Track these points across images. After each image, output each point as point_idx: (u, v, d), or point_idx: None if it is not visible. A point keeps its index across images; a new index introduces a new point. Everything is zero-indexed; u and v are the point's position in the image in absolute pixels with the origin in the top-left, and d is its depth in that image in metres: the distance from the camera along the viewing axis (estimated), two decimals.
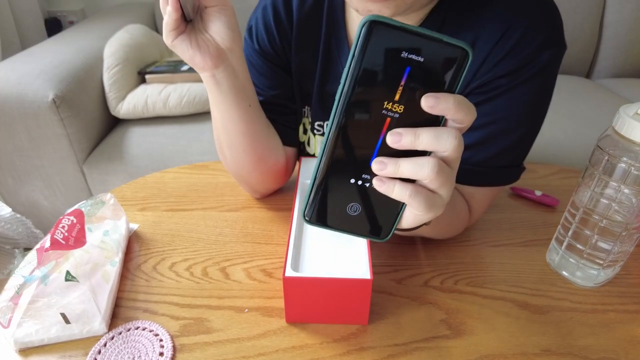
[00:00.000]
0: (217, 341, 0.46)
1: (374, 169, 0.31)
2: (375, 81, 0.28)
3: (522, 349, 0.46)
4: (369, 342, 0.46)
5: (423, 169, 0.30)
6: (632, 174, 0.45)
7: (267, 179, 0.65)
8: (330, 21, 0.58)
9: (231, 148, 0.59)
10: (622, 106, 0.46)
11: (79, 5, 1.92)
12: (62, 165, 1.24)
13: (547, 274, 0.56)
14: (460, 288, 0.53)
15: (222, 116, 0.55)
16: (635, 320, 0.49)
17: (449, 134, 0.29)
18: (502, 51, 0.49)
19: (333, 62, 0.60)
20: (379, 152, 0.31)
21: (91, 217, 0.55)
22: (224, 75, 0.50)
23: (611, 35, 1.71)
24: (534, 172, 0.75)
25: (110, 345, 0.45)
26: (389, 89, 0.28)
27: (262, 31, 0.60)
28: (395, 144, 0.30)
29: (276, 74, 0.62)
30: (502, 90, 0.50)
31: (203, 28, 0.48)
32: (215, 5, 0.47)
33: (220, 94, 0.52)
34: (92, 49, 1.35)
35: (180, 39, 0.46)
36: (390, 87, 0.28)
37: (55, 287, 0.45)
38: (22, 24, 1.71)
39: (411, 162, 0.30)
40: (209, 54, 0.47)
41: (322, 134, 0.65)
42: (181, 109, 1.32)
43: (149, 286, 0.53)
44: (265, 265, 0.56)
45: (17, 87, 1.12)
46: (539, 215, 0.66)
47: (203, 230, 0.62)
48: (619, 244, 0.49)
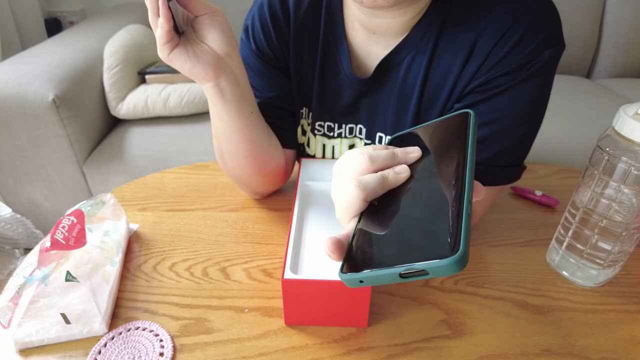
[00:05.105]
0: (217, 341, 0.46)
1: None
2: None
3: (522, 349, 0.46)
4: (369, 342, 0.46)
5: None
6: (632, 174, 0.45)
7: (267, 182, 0.65)
8: (328, 19, 0.58)
9: (233, 156, 0.59)
10: (622, 106, 0.46)
11: (79, 6, 1.92)
12: (62, 165, 1.24)
13: (547, 274, 0.56)
14: (460, 288, 0.53)
15: (225, 126, 0.55)
16: (635, 320, 0.49)
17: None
18: (503, 50, 0.49)
19: (332, 61, 0.60)
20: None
21: (91, 218, 0.55)
22: (227, 83, 0.50)
23: (611, 35, 1.71)
24: (534, 172, 0.76)
25: (111, 345, 0.45)
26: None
27: (259, 30, 0.60)
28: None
29: (273, 75, 0.62)
30: (503, 89, 0.50)
31: (197, 38, 0.47)
32: (205, 13, 0.46)
33: (224, 104, 0.52)
34: (92, 49, 1.35)
35: (177, 51, 0.46)
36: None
37: (55, 287, 0.45)
38: (22, 24, 1.71)
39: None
40: (209, 63, 0.47)
41: (323, 134, 0.65)
42: (181, 109, 1.32)
43: (149, 286, 0.53)
44: (266, 266, 0.56)
45: (17, 87, 1.12)
46: (539, 215, 0.66)
47: (203, 230, 0.62)
48: (619, 244, 0.49)
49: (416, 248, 0.29)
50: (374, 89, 0.58)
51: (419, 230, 0.30)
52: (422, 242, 0.29)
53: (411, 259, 0.27)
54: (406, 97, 0.57)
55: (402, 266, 0.27)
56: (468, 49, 0.51)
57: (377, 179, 0.35)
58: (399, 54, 0.55)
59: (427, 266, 0.26)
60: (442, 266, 0.26)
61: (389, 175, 0.36)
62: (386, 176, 0.35)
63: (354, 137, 0.65)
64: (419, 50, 0.54)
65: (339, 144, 0.66)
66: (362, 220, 0.35)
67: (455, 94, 0.54)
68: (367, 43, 0.57)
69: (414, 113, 0.57)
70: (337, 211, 0.37)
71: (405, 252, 0.29)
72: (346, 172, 0.37)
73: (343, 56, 0.58)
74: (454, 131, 0.36)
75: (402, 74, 0.56)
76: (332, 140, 0.66)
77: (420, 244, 0.29)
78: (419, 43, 0.54)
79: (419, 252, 0.28)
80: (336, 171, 0.39)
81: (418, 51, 0.54)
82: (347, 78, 0.59)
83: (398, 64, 0.56)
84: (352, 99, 0.60)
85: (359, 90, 0.59)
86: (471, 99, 0.52)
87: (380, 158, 0.37)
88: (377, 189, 0.35)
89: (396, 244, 0.30)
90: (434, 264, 0.26)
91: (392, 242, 0.31)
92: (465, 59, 0.52)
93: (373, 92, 0.59)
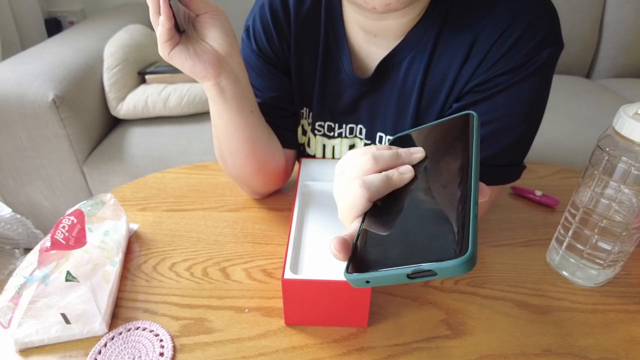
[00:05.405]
0: (217, 341, 0.46)
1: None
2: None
3: (522, 349, 0.46)
4: (369, 342, 0.46)
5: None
6: (632, 174, 0.45)
7: (268, 182, 0.65)
8: (328, 19, 0.58)
9: (233, 155, 0.59)
10: (622, 106, 0.46)
11: (79, 6, 1.92)
12: (62, 165, 1.24)
13: (547, 274, 0.56)
14: (460, 288, 0.53)
15: (225, 125, 0.55)
16: (635, 320, 0.49)
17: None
18: (501, 49, 0.49)
19: (333, 61, 0.60)
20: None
21: (91, 218, 0.55)
22: (228, 81, 0.50)
23: (611, 35, 1.71)
24: (534, 172, 0.76)
25: (111, 345, 0.45)
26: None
27: (260, 31, 0.60)
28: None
29: (274, 75, 0.62)
30: (501, 88, 0.50)
31: (198, 37, 0.48)
32: (206, 12, 0.47)
33: (225, 102, 0.52)
34: (92, 49, 1.35)
35: (177, 50, 0.46)
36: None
37: (55, 287, 0.45)
38: (22, 24, 1.71)
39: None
40: (209, 61, 0.47)
41: (323, 135, 0.65)
42: (181, 109, 1.32)
43: (149, 286, 0.53)
44: (266, 266, 0.56)
45: (17, 87, 1.12)
46: (539, 215, 0.66)
47: (203, 230, 0.62)
48: (619, 244, 0.49)
49: (423, 249, 0.29)
50: (375, 89, 0.58)
51: (425, 231, 0.30)
52: (429, 243, 0.29)
53: (418, 260, 0.27)
54: (406, 97, 0.57)
55: (409, 267, 0.27)
56: (467, 49, 0.51)
57: (382, 178, 0.35)
58: (398, 54, 0.55)
59: (436, 267, 0.26)
60: (451, 267, 0.26)
61: (394, 176, 0.35)
62: (390, 176, 0.35)
63: (355, 137, 0.65)
64: (418, 51, 0.54)
65: (339, 144, 0.66)
66: (366, 220, 0.35)
67: (453, 94, 0.54)
68: (367, 43, 0.57)
69: (413, 113, 0.57)
70: (340, 211, 0.37)
71: (411, 252, 0.29)
72: (349, 171, 0.37)
73: (344, 56, 0.58)
74: (456, 133, 0.36)
75: (402, 75, 0.56)
76: (332, 140, 0.66)
77: (427, 245, 0.29)
78: (418, 44, 0.54)
79: (426, 252, 0.28)
80: (338, 171, 0.38)
81: (417, 52, 0.54)
82: (347, 78, 0.59)
83: (398, 64, 0.56)
84: (352, 99, 0.60)
85: (360, 90, 0.59)
86: (470, 99, 0.52)
87: (384, 158, 0.36)
88: (381, 189, 0.35)
89: (402, 244, 0.30)
90: (443, 264, 0.26)
91: (397, 242, 0.31)
92: (464, 58, 0.52)
93: (373, 92, 0.59)
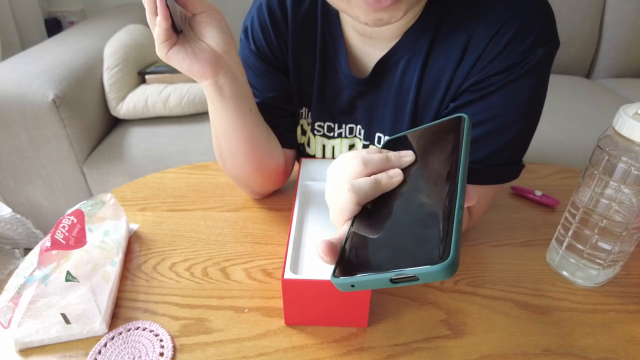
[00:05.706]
0: (217, 341, 0.46)
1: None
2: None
3: (522, 349, 0.46)
4: (369, 342, 0.46)
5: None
6: (632, 174, 0.45)
7: (267, 182, 0.65)
8: (325, 20, 0.58)
9: (232, 154, 0.59)
10: (622, 106, 0.46)
11: (79, 6, 1.92)
12: (62, 165, 1.24)
13: (547, 274, 0.56)
14: (460, 288, 0.53)
15: (223, 124, 0.55)
16: (635, 320, 0.49)
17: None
18: (496, 49, 0.49)
19: (331, 61, 0.60)
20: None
21: (91, 218, 0.55)
22: (225, 80, 0.50)
23: (611, 35, 1.71)
24: (534, 172, 0.76)
25: (111, 345, 0.45)
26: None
27: (258, 31, 0.60)
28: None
29: (273, 75, 0.62)
30: (497, 87, 0.50)
31: (195, 36, 0.48)
32: (203, 11, 0.47)
33: (223, 101, 0.52)
34: (92, 49, 1.35)
35: (175, 49, 0.46)
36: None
37: (55, 287, 0.45)
38: (22, 24, 1.71)
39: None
40: (207, 61, 0.47)
41: (323, 135, 0.65)
42: (181, 109, 1.32)
43: (149, 286, 0.53)
44: (266, 266, 0.56)
45: (17, 87, 1.12)
46: (539, 215, 0.66)
47: (203, 230, 0.62)
48: (619, 244, 0.49)
49: (407, 253, 0.29)
50: (372, 90, 0.58)
51: (411, 235, 0.30)
52: (413, 247, 0.29)
53: (402, 264, 0.27)
54: (403, 98, 0.57)
55: (392, 271, 0.27)
56: (462, 49, 0.51)
57: (371, 182, 0.35)
58: (394, 55, 0.55)
59: (417, 272, 0.26)
60: (432, 272, 0.26)
61: (382, 179, 0.35)
62: (379, 180, 0.35)
63: (354, 137, 0.65)
64: (414, 52, 0.54)
65: (339, 144, 0.66)
66: (355, 223, 0.35)
67: (450, 94, 0.54)
68: (363, 44, 0.57)
69: (410, 114, 0.57)
70: (331, 214, 0.37)
71: (396, 257, 0.29)
72: (340, 175, 0.37)
73: (341, 56, 0.58)
74: (447, 135, 0.36)
75: (399, 75, 0.56)
76: (332, 140, 0.66)
77: (412, 249, 0.29)
78: (414, 45, 0.54)
79: (410, 257, 0.28)
80: (330, 174, 0.39)
81: (414, 53, 0.54)
82: (345, 78, 0.59)
83: (394, 65, 0.56)
84: (350, 99, 0.60)
85: (357, 91, 0.59)
86: (466, 98, 0.52)
87: (373, 162, 0.36)
88: (370, 193, 0.35)
89: (388, 248, 0.30)
90: (423, 269, 0.26)
91: (384, 246, 0.31)
92: (459, 58, 0.52)
93: (371, 93, 0.59)
